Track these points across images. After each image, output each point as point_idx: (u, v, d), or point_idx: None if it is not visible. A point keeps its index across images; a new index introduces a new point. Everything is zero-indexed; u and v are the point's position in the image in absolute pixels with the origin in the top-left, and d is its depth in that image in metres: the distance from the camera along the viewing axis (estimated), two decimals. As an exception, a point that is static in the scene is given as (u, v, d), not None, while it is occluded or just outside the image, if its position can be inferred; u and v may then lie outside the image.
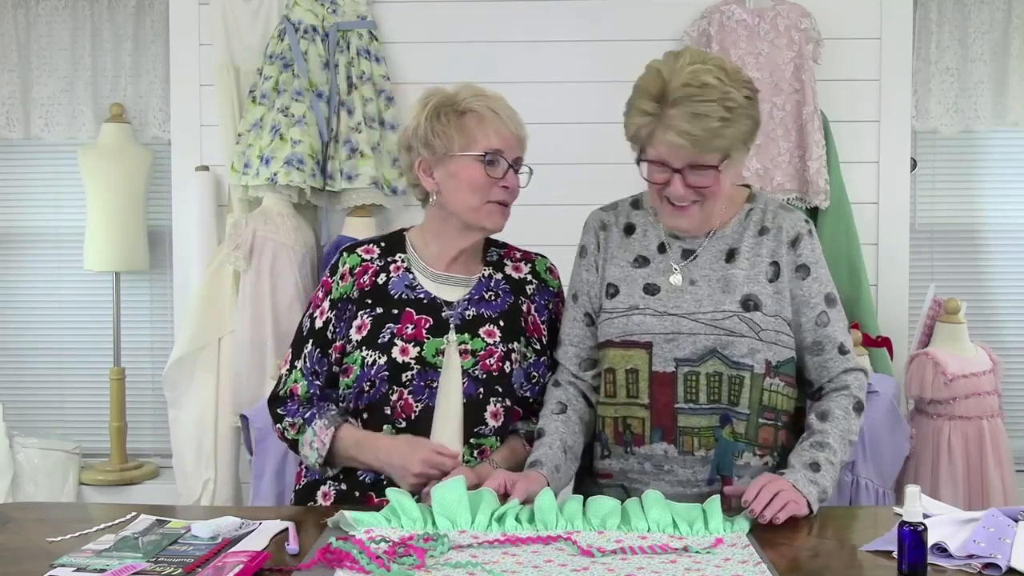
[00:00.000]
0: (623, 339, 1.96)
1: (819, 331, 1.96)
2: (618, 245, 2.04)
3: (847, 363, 1.97)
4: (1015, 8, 3.50)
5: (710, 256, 1.97)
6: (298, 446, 2.04)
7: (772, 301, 1.93)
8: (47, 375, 3.80)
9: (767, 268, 1.96)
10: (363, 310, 2.03)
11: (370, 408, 2.01)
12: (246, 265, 3.27)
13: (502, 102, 2.08)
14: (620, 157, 3.06)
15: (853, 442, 1.94)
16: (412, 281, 2.06)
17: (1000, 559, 1.53)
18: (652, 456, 1.94)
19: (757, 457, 1.94)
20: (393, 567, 1.48)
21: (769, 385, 1.94)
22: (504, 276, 2.12)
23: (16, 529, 1.75)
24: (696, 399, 1.91)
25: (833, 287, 2.00)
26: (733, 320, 1.91)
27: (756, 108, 1.90)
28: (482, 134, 2.02)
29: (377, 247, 2.12)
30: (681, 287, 1.95)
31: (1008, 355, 3.57)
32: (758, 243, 1.97)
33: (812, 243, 1.99)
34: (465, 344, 2.01)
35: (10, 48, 3.65)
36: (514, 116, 2.08)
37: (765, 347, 1.92)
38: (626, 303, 1.97)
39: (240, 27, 3.44)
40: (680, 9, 3.38)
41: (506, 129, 2.04)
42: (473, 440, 2.00)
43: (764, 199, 2.04)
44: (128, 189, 3.52)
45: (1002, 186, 3.66)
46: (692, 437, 1.92)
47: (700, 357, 1.91)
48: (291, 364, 2.10)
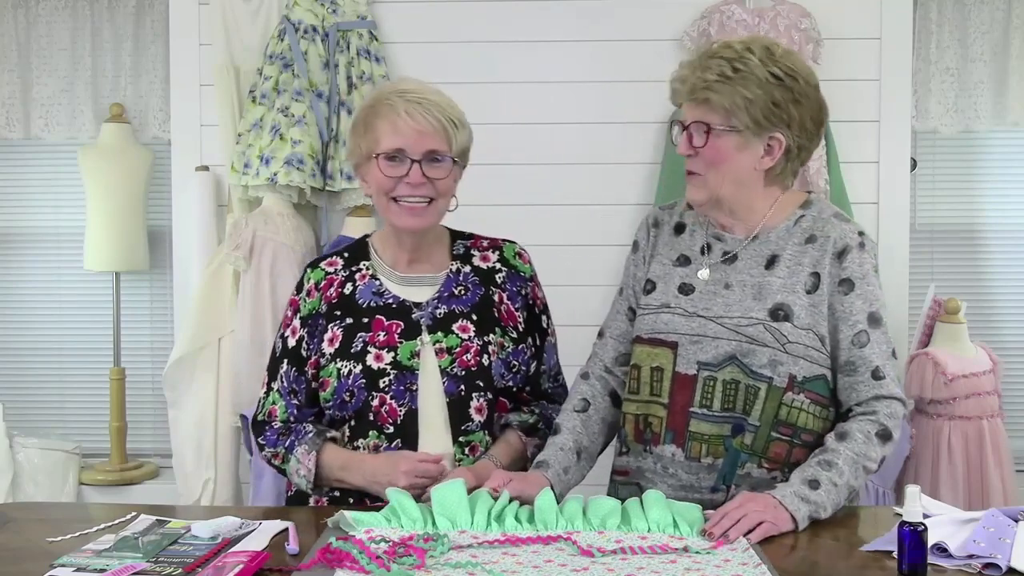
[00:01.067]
0: (651, 336, 1.94)
1: (854, 351, 1.86)
2: (665, 243, 2.03)
3: (879, 389, 1.86)
4: (1015, 8, 3.50)
5: (750, 260, 1.92)
6: (287, 474, 2.04)
7: (806, 313, 1.86)
8: (47, 375, 3.80)
9: (807, 278, 1.88)
10: (333, 322, 2.02)
11: (355, 416, 1.99)
12: (246, 265, 3.27)
13: (410, 95, 1.98)
14: (620, 157, 3.09)
15: (870, 469, 1.83)
16: (379, 287, 2.04)
17: (1000, 559, 1.53)
18: (661, 457, 1.92)
19: (764, 470, 1.87)
20: (393, 567, 1.48)
21: (791, 401, 1.86)
22: (472, 268, 2.09)
23: (16, 529, 1.75)
24: (710, 405, 1.88)
25: (880, 306, 1.88)
26: (758, 328, 1.86)
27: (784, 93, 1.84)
28: (382, 134, 1.97)
29: (340, 258, 2.10)
30: (712, 289, 1.91)
31: (1008, 355, 3.57)
32: (802, 251, 1.89)
33: (861, 257, 1.88)
34: (440, 343, 1.99)
35: (10, 48, 3.65)
36: (418, 109, 1.96)
37: (791, 360, 1.85)
38: (659, 300, 1.96)
39: (240, 27, 3.44)
40: (680, 9, 3.38)
41: (405, 125, 1.95)
42: (462, 438, 1.98)
43: (820, 206, 1.95)
44: (128, 189, 3.52)
45: (1002, 186, 3.66)
46: (700, 443, 1.89)
47: (720, 363, 1.87)
48: (268, 387, 2.08)
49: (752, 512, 1.70)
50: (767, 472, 1.87)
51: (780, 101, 1.85)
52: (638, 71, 3.39)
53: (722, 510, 1.72)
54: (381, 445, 1.97)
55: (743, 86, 1.83)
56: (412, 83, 2.04)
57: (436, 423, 1.98)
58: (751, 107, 1.84)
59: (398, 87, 2.03)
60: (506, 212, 3.30)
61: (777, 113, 1.85)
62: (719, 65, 1.84)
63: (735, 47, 1.87)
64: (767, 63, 1.85)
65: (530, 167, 3.42)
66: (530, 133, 3.44)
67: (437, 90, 2.03)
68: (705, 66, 1.85)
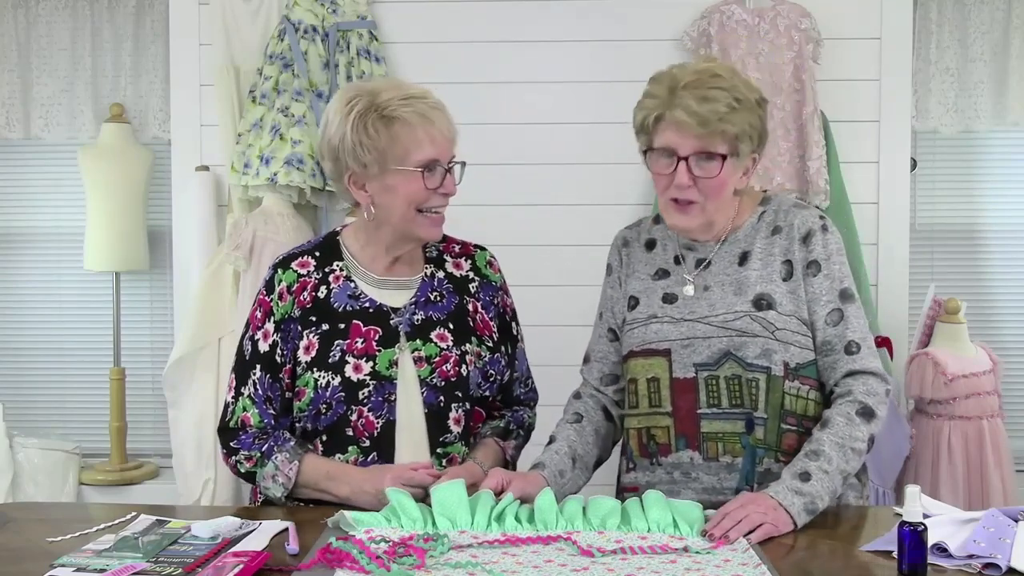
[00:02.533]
0: (643, 348, 1.96)
1: (828, 330, 1.90)
2: (639, 260, 2.05)
3: (853, 364, 1.89)
4: (1015, 8, 3.50)
5: (723, 262, 1.96)
6: (255, 478, 1.96)
7: (787, 300, 1.91)
8: (47, 375, 3.80)
9: (780, 267, 1.93)
10: (308, 329, 1.96)
11: (329, 430, 1.94)
12: (246, 265, 3.27)
13: (429, 102, 1.94)
14: (620, 157, 3.08)
15: (858, 450, 1.83)
16: (354, 290, 1.99)
17: (1000, 559, 1.53)
18: (680, 464, 1.92)
19: (781, 464, 1.87)
20: (393, 567, 1.48)
21: (790, 388, 1.89)
22: (446, 274, 2.06)
23: (16, 529, 1.75)
24: (719, 403, 1.89)
25: (850, 282, 1.93)
26: (745, 320, 1.89)
27: (764, 113, 1.91)
28: (414, 144, 1.90)
29: (312, 258, 2.02)
30: (695, 296, 1.94)
31: (1008, 355, 3.57)
32: (771, 243, 1.95)
33: (825, 238, 1.93)
34: (418, 351, 1.96)
35: (10, 48, 3.65)
36: (443, 116, 1.95)
37: (782, 347, 1.88)
38: (645, 313, 1.98)
39: (240, 27, 3.44)
40: (680, 9, 3.38)
41: (439, 134, 1.92)
42: (440, 449, 1.95)
43: (778, 200, 2.01)
44: (128, 189, 3.51)
45: (1002, 186, 3.66)
46: (716, 443, 1.90)
47: (716, 360, 1.89)
48: (236, 391, 2.00)
49: (753, 513, 1.70)
50: (784, 466, 1.86)
51: (764, 119, 1.92)
52: (638, 71, 3.34)
53: (723, 510, 1.72)
54: (358, 459, 1.93)
55: (748, 113, 1.87)
56: (412, 87, 1.97)
57: (414, 434, 1.94)
58: (751, 132, 1.89)
59: (404, 91, 1.94)
60: (506, 212, 3.31)
61: (762, 132, 1.92)
62: (724, 95, 1.85)
63: (722, 74, 1.88)
64: (748, 88, 1.90)
65: (530, 167, 3.42)
66: (530, 133, 3.43)
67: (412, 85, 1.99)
68: (707, 97, 1.84)
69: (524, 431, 2.14)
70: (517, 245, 2.83)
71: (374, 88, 1.94)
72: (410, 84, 2.01)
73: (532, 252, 3.33)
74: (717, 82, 1.86)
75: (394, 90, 1.94)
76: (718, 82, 1.86)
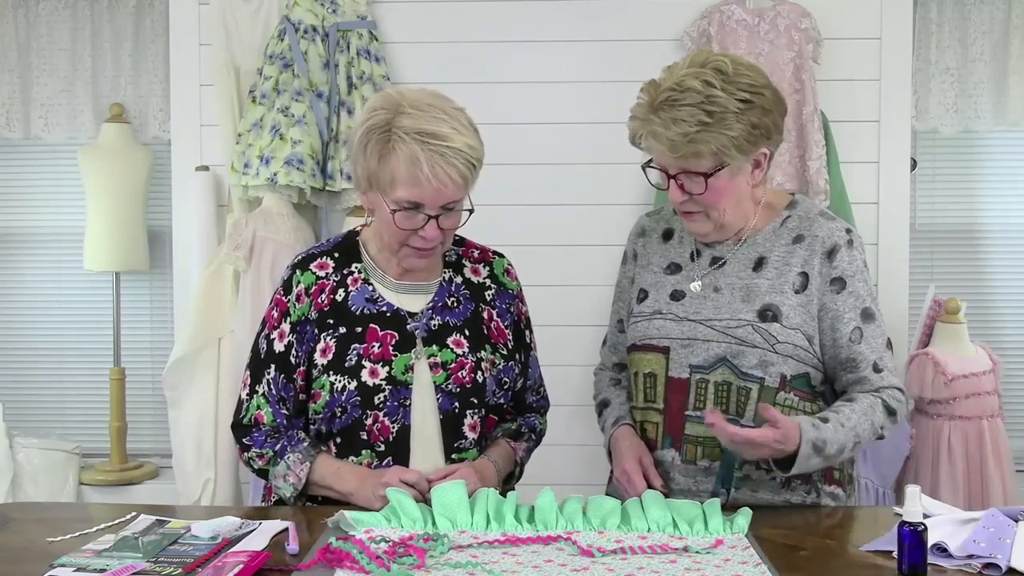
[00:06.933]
0: (644, 343, 1.97)
1: (853, 347, 1.88)
2: (655, 251, 2.04)
3: (881, 381, 1.89)
4: (1015, 8, 3.50)
5: (738, 264, 1.94)
6: (267, 475, 1.97)
7: (795, 313, 1.88)
8: (47, 375, 3.80)
9: (795, 278, 1.89)
10: (325, 331, 1.94)
11: (344, 433, 1.94)
12: (246, 265, 3.27)
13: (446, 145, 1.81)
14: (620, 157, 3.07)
15: (876, 431, 1.85)
16: (372, 293, 1.97)
17: (1000, 559, 1.53)
18: (661, 463, 1.94)
19: (762, 471, 1.88)
20: (393, 567, 1.48)
21: (783, 400, 1.88)
22: (464, 280, 2.04)
23: (16, 529, 1.75)
24: (703, 407, 1.89)
25: (872, 301, 1.92)
26: (746, 329, 1.87)
27: (757, 113, 1.82)
28: (400, 182, 1.83)
29: (331, 259, 2.00)
30: (702, 294, 1.93)
31: (1008, 355, 3.57)
32: (790, 252, 1.91)
33: (851, 255, 1.90)
34: (434, 356, 1.94)
35: (10, 48, 3.65)
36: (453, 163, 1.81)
37: (780, 360, 1.87)
38: (651, 308, 1.98)
39: (240, 27, 3.44)
40: (680, 9, 3.38)
41: (434, 179, 1.81)
42: (455, 455, 1.95)
43: (805, 206, 1.97)
44: (128, 189, 3.52)
45: (1002, 186, 3.66)
46: (696, 446, 1.90)
47: (711, 365, 1.89)
48: (251, 389, 2.00)
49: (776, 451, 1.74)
50: (765, 473, 1.88)
51: (757, 122, 1.82)
52: (638, 71, 3.32)
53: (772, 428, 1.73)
54: (372, 463, 1.93)
55: (724, 127, 1.79)
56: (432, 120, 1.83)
57: (429, 440, 1.94)
58: (736, 142, 1.81)
59: (418, 125, 1.82)
60: (506, 212, 3.31)
61: (757, 133, 1.83)
62: (692, 114, 1.77)
63: (694, 86, 1.78)
64: (731, 90, 1.80)
65: (530, 167, 3.42)
66: (530, 133, 3.43)
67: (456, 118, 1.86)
68: (676, 118, 1.78)
69: (535, 435, 2.14)
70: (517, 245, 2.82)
71: (404, 106, 1.85)
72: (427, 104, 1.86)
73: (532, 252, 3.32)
74: (687, 98, 1.78)
75: (419, 117, 1.83)
76: (688, 97, 1.78)
